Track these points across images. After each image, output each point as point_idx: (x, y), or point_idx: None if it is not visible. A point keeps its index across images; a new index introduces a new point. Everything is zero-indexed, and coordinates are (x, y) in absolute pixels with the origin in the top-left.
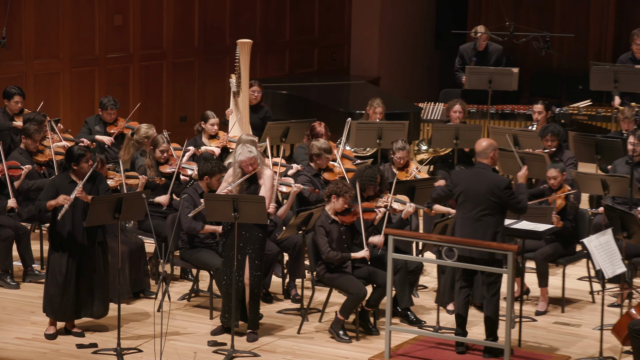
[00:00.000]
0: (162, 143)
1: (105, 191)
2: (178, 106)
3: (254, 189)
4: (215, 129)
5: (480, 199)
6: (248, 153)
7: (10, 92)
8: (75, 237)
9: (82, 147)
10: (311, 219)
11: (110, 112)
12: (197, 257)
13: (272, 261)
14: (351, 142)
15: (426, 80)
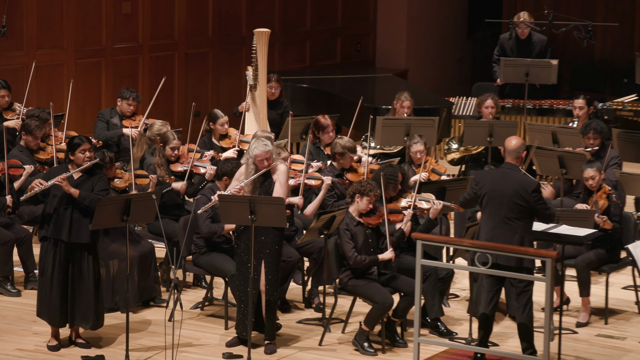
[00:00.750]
0: (172, 140)
1: (100, 190)
2: (191, 101)
3: (268, 186)
4: (225, 128)
5: (505, 201)
6: (263, 147)
7: None
8: (60, 233)
9: (82, 137)
10: (334, 222)
11: (130, 103)
12: (211, 263)
13: (291, 269)
14: (376, 139)
15: (458, 72)
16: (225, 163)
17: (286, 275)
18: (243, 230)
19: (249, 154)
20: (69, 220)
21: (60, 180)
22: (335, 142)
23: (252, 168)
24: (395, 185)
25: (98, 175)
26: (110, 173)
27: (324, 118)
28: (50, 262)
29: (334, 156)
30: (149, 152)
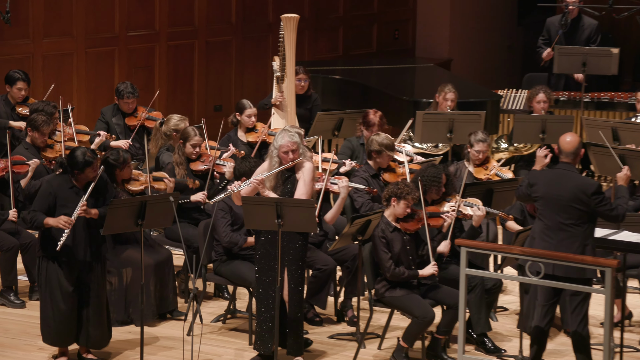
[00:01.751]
0: (193, 136)
1: (112, 197)
2: (212, 93)
3: (291, 185)
4: (252, 121)
5: (563, 205)
6: (290, 137)
7: (13, 77)
8: (76, 249)
9: (88, 153)
10: (369, 227)
11: (127, 101)
12: (234, 272)
13: (327, 277)
14: (416, 136)
15: (507, 62)
16: (242, 162)
17: (322, 284)
18: (266, 235)
19: (274, 145)
20: (87, 239)
21: (83, 211)
22: (371, 138)
23: (276, 161)
24: (438, 188)
25: (103, 185)
26: (124, 174)
27: (374, 114)
28: (65, 280)
29: (369, 154)
30: (164, 149)
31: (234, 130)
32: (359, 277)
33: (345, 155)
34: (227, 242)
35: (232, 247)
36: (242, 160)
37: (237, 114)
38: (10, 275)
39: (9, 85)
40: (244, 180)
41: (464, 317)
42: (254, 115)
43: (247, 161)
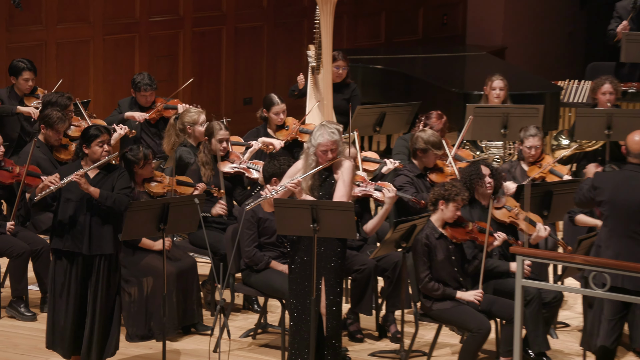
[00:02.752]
0: (218, 130)
1: (122, 189)
2: (241, 85)
3: (329, 186)
4: (281, 117)
5: (633, 211)
6: (329, 135)
7: (17, 67)
8: (78, 245)
9: (99, 127)
10: (414, 232)
11: (144, 93)
12: (266, 282)
13: (368, 278)
14: (467, 132)
15: (568, 50)
16: (270, 162)
17: (363, 287)
18: (298, 240)
19: (311, 142)
20: (87, 228)
21: (78, 178)
22: (416, 135)
23: (313, 160)
24: (482, 182)
25: (118, 172)
26: (144, 172)
27: (437, 119)
28: (66, 279)
29: (414, 153)
30: (181, 145)
31: (263, 125)
32: (402, 287)
33: (403, 154)
34: (248, 259)
35: (252, 265)
36: (270, 159)
37: (264, 111)
38: (20, 285)
39: (14, 77)
40: (275, 181)
41: (520, 334)
42: (283, 112)
43: (276, 159)
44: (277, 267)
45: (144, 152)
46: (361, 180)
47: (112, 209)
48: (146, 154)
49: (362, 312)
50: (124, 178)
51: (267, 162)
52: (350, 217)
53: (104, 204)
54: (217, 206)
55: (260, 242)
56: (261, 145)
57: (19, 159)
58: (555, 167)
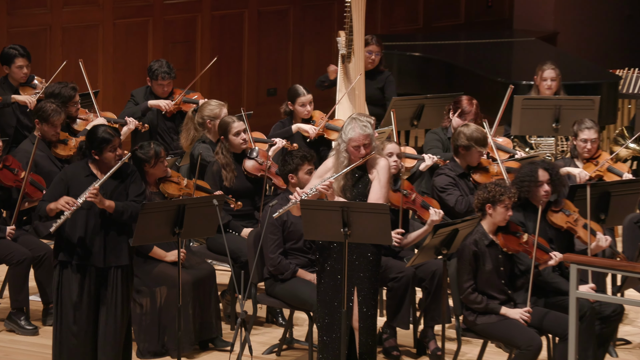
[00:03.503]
0: (231, 123)
1: (136, 196)
2: (265, 75)
3: (363, 186)
4: (308, 110)
5: None
6: (361, 129)
7: (9, 54)
8: (88, 253)
9: (108, 129)
10: (455, 237)
11: (162, 82)
12: (292, 292)
13: (406, 288)
14: (514, 126)
15: (627, 35)
16: (285, 157)
17: (400, 298)
18: (328, 247)
19: (341, 138)
20: (102, 238)
21: (93, 196)
22: (458, 131)
23: (345, 158)
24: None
25: (130, 177)
26: (156, 171)
27: (469, 102)
28: (75, 291)
29: (456, 150)
30: (199, 142)
31: (288, 119)
32: (443, 299)
33: (437, 149)
34: (272, 267)
35: (277, 274)
36: (287, 157)
37: (289, 103)
38: (20, 295)
39: (6, 66)
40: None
41: (575, 351)
42: (310, 103)
43: (289, 155)
44: (305, 276)
45: (155, 149)
46: (409, 190)
47: (127, 222)
48: (157, 152)
49: (399, 326)
50: (137, 182)
51: (281, 160)
52: (386, 221)
53: (119, 219)
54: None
55: (285, 248)
56: (285, 143)
57: (16, 156)
58: (614, 165)
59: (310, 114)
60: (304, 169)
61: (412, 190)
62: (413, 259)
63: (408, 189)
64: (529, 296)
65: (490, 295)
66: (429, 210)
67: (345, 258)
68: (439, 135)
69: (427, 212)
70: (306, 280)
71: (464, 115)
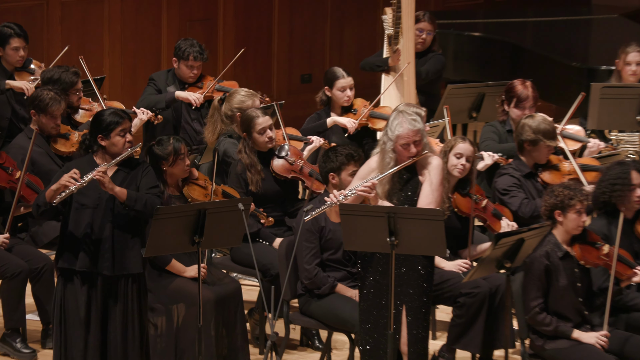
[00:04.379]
0: (256, 118)
1: (150, 188)
2: (298, 58)
3: (412, 189)
4: (348, 96)
5: None
6: (410, 123)
7: (3, 34)
8: (99, 264)
9: (117, 111)
10: (521, 248)
11: (192, 63)
12: (330, 310)
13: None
14: (591, 118)
15: None
16: (327, 154)
17: (472, 317)
18: (372, 258)
19: (387, 135)
20: (109, 242)
21: (101, 175)
22: (522, 123)
23: (391, 158)
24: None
25: (141, 168)
26: (176, 171)
27: (522, 85)
28: (80, 305)
29: (520, 146)
30: (224, 137)
31: (325, 109)
32: (506, 320)
33: (492, 141)
34: (307, 281)
35: (313, 288)
36: (331, 152)
37: (327, 89)
38: (16, 314)
39: (0, 48)
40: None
41: None
42: (350, 87)
43: (332, 151)
44: (345, 292)
45: (175, 144)
46: (480, 195)
47: (142, 214)
48: (177, 148)
49: (468, 349)
50: (150, 175)
51: (322, 156)
52: (439, 229)
53: (132, 208)
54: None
55: (323, 259)
56: (323, 143)
57: (9, 153)
58: None
59: (350, 101)
60: (348, 170)
61: (483, 196)
62: (471, 273)
63: (479, 194)
64: (606, 318)
65: (563, 315)
66: (500, 221)
67: (391, 271)
68: (496, 127)
69: (499, 223)
70: (346, 297)
71: (522, 102)
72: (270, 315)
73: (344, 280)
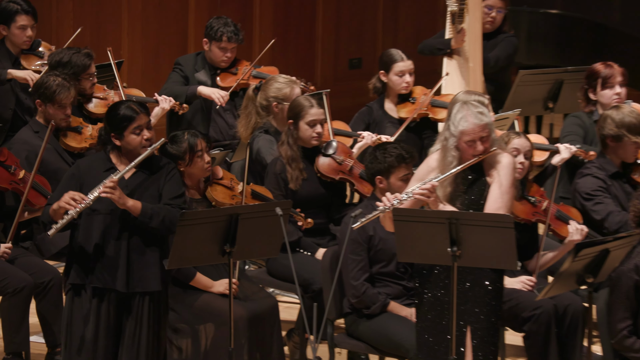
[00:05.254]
0: (309, 108)
1: (173, 198)
2: (345, 41)
3: (479, 191)
4: (407, 82)
5: None
6: (476, 117)
7: (8, 10)
8: (111, 280)
9: (132, 105)
10: (605, 261)
11: (225, 45)
12: (381, 332)
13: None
14: None
15: None
16: (374, 152)
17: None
18: (430, 272)
19: (449, 130)
20: (124, 254)
21: (109, 190)
22: (604, 116)
23: (454, 156)
24: None
25: (165, 170)
26: (196, 170)
27: (604, 65)
28: (91, 326)
29: (603, 141)
30: (260, 131)
31: (379, 100)
32: (589, 344)
33: (576, 136)
34: (355, 299)
35: (361, 307)
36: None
37: (382, 73)
38: (18, 336)
39: (4, 26)
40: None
41: None
42: (410, 73)
43: (381, 150)
44: (399, 311)
45: (190, 140)
46: (538, 197)
47: (158, 231)
48: (192, 144)
49: None
50: (175, 180)
51: (369, 154)
52: (510, 237)
53: (147, 225)
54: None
55: (372, 273)
56: (375, 139)
57: (12, 149)
58: None
59: (409, 88)
60: (398, 173)
61: (542, 197)
62: (547, 289)
63: (537, 195)
64: None
65: None
66: (567, 224)
67: (453, 287)
68: (582, 119)
69: (565, 227)
70: (400, 317)
71: (609, 80)
72: (312, 337)
73: (398, 297)
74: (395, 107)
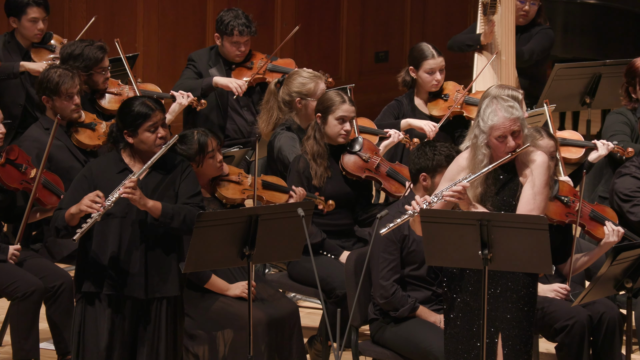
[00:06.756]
0: (340, 103)
1: (190, 197)
2: (371, 34)
3: (512, 191)
4: (437, 79)
5: None
6: (506, 111)
7: (19, 3)
8: (129, 286)
9: (146, 101)
10: None
11: (238, 39)
12: (409, 338)
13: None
14: None
15: None
16: (421, 149)
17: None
18: (461, 276)
19: (479, 127)
20: (142, 259)
21: (130, 191)
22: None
23: (484, 154)
24: None
25: (180, 168)
26: (208, 170)
27: None
28: (104, 335)
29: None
30: (282, 128)
31: (409, 94)
32: (625, 353)
33: (624, 135)
34: (383, 300)
35: (389, 309)
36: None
37: (412, 69)
38: (27, 343)
39: (15, 18)
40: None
41: None
42: (441, 70)
43: (429, 146)
44: (428, 317)
45: (200, 139)
46: (571, 196)
47: (179, 231)
48: (203, 144)
49: None
50: (190, 179)
51: (417, 149)
52: (544, 240)
53: (168, 226)
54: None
55: (403, 275)
56: (402, 137)
57: (22, 147)
58: None
59: (439, 86)
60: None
61: (575, 197)
62: (583, 294)
63: (570, 194)
64: None
65: None
66: (603, 225)
67: (484, 292)
68: (626, 116)
69: (601, 228)
70: (429, 323)
71: None
72: (335, 344)
73: (428, 302)
74: (426, 104)
